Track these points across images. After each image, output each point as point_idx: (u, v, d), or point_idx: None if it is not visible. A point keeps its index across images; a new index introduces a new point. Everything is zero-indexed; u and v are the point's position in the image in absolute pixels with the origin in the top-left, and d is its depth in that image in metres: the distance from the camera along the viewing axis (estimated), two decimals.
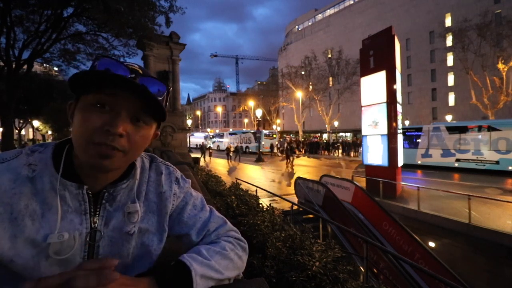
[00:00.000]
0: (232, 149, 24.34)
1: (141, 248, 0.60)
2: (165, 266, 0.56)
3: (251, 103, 47.37)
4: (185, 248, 0.66)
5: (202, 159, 23.34)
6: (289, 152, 18.09)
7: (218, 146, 39.53)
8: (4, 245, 0.48)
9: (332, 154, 25.83)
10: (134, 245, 0.59)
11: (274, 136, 31.20)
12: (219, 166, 19.35)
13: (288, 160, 18.16)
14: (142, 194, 0.63)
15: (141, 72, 0.54)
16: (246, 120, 65.69)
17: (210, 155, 26.54)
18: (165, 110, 0.55)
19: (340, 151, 26.10)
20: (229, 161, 21.96)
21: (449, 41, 30.09)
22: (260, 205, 4.11)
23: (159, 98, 0.55)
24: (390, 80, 8.93)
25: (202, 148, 25.31)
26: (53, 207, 0.51)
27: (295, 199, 8.52)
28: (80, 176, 0.55)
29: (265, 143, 28.58)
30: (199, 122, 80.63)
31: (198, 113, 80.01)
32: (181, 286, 0.54)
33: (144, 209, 0.62)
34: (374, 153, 9.55)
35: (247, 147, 31.67)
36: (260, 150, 23.50)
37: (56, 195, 0.51)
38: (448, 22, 34.35)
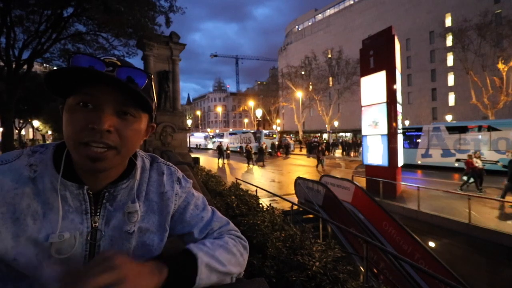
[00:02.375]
0: (252, 150, 20.19)
1: (141, 248, 0.61)
2: (173, 253, 0.58)
3: (251, 103, 47.39)
4: None
5: (220, 162, 20.52)
6: (320, 154, 16.25)
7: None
8: (7, 244, 0.48)
9: (332, 154, 25.82)
10: (134, 245, 0.60)
11: (274, 136, 31.13)
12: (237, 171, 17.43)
13: (320, 164, 16.17)
14: (142, 194, 0.63)
15: (119, 63, 0.52)
16: (246, 120, 65.69)
17: (228, 157, 22.55)
18: (148, 100, 0.52)
19: (340, 150, 26.11)
20: (250, 165, 18.80)
21: (449, 41, 30.11)
22: (260, 205, 4.11)
23: (141, 87, 0.53)
24: (390, 80, 8.94)
25: (220, 149, 21.65)
26: (54, 207, 0.52)
27: (295, 199, 8.53)
28: (80, 176, 0.55)
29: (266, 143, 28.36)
30: (199, 122, 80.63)
31: (198, 113, 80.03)
32: (187, 272, 0.55)
33: (144, 209, 0.62)
34: (374, 153, 9.55)
35: (246, 146, 31.58)
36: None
37: (57, 195, 0.52)
38: (448, 22, 34.37)
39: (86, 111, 0.49)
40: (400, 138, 9.47)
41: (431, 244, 6.89)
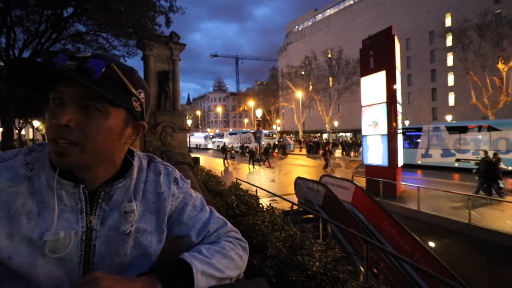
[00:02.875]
0: (258, 151, 18.97)
1: (139, 249, 0.60)
2: (166, 264, 0.56)
3: (251, 103, 47.43)
4: (185, 249, 0.66)
5: (225, 163, 19.68)
6: (328, 155, 15.81)
7: (218, 146, 39.52)
8: (2, 243, 0.48)
9: (332, 154, 25.80)
10: (131, 245, 0.59)
11: (274, 136, 31.19)
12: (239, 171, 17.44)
13: (328, 165, 15.65)
14: (139, 193, 0.62)
15: (88, 55, 0.50)
16: (246, 120, 65.72)
17: (233, 157, 21.39)
18: (100, 90, 0.47)
19: (340, 150, 26.11)
20: (254, 166, 17.99)
21: (449, 41, 30.09)
22: (260, 205, 4.11)
23: (95, 77, 0.48)
24: (390, 80, 8.94)
25: (224, 149, 20.45)
26: (50, 206, 0.52)
27: (295, 199, 8.52)
28: (77, 175, 0.54)
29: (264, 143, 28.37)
30: (199, 122, 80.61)
31: (198, 113, 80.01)
32: (182, 282, 0.54)
33: (142, 209, 0.61)
34: (374, 153, 9.55)
35: (246, 147, 31.63)
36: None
37: (53, 194, 0.52)
38: (448, 22, 34.38)
39: (54, 107, 0.50)
40: (400, 138, 9.47)
41: (431, 244, 6.88)
